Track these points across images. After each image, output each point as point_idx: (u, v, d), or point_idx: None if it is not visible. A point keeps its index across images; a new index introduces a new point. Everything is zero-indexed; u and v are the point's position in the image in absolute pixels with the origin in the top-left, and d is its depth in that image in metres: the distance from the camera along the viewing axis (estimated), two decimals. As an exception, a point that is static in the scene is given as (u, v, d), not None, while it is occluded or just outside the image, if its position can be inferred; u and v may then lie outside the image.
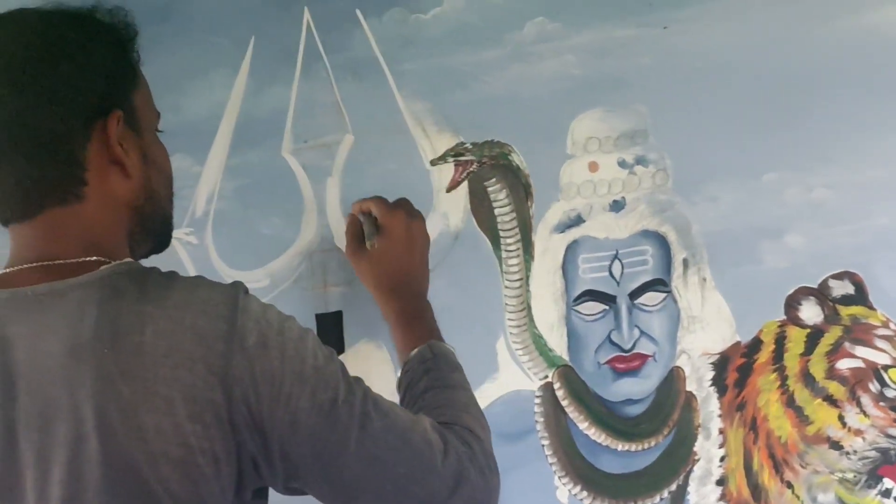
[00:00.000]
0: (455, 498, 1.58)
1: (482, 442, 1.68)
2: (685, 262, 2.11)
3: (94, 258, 1.51)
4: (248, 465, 1.46)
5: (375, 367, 2.18)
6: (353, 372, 1.60)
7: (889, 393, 1.98)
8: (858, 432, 1.99)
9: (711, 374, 2.09)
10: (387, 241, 2.04)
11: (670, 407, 2.10)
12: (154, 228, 1.64)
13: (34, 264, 1.51)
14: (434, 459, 1.57)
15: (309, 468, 1.49)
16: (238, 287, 1.50)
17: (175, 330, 1.41)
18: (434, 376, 1.79)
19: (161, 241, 1.69)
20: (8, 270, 1.54)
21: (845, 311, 2.02)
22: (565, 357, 2.15)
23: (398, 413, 1.59)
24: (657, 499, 2.10)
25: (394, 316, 1.99)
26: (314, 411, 1.48)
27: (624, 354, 2.12)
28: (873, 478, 1.99)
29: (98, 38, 1.55)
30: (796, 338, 2.04)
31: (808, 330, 2.03)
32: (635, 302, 2.12)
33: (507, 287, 2.18)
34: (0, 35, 1.51)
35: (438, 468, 1.57)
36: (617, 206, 2.14)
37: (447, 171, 2.22)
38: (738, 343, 2.08)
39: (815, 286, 2.03)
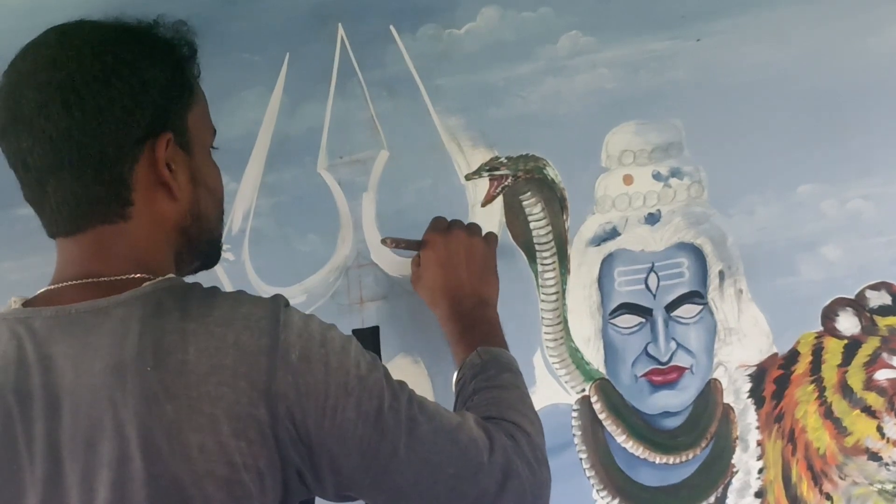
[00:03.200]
0: (505, 493, 1.57)
1: (529, 436, 1.67)
2: (721, 275, 2.10)
3: (138, 275, 1.51)
4: (293, 479, 1.46)
5: (413, 382, 2.17)
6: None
7: (928, 404, 1.98)
8: (897, 443, 1.99)
9: (749, 385, 2.08)
10: (424, 258, 2.06)
11: (708, 419, 2.10)
12: (201, 248, 1.65)
13: (78, 281, 1.52)
14: (481, 456, 1.56)
15: (361, 478, 1.49)
16: (279, 300, 1.50)
17: (218, 347, 1.42)
18: (482, 378, 1.78)
19: (209, 259, 1.70)
20: (52, 287, 1.55)
21: (883, 322, 2.01)
22: (602, 370, 2.15)
23: (443, 414, 1.58)
24: (696, 511, 2.09)
25: (446, 330, 1.99)
26: (361, 421, 1.48)
27: (661, 367, 2.12)
28: (913, 489, 1.99)
29: (154, 58, 1.54)
30: (834, 349, 2.03)
31: (846, 341, 2.03)
32: (672, 314, 2.12)
33: (543, 301, 2.19)
34: (56, 50, 1.52)
35: (486, 465, 1.56)
36: (652, 218, 2.14)
37: (482, 185, 2.22)
38: (775, 355, 2.07)
39: (852, 297, 2.03)
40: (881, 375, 2.00)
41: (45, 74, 1.50)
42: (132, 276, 1.51)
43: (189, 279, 1.59)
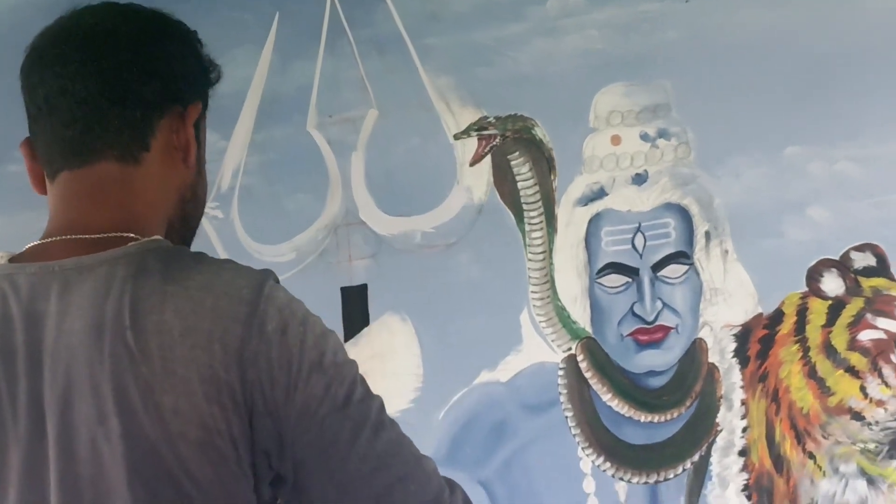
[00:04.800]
0: None
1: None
2: (707, 235, 2.11)
3: (125, 234, 1.52)
4: (261, 455, 1.45)
5: (400, 339, 2.20)
6: (377, 345, 1.61)
7: (911, 364, 1.99)
8: (880, 403, 2.00)
9: (734, 345, 2.10)
10: None
11: (693, 378, 2.11)
12: (190, 226, 1.65)
13: (66, 237, 1.52)
14: (443, 492, 1.52)
15: (312, 461, 1.47)
16: (267, 274, 1.50)
17: (195, 310, 1.41)
18: None
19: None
20: (39, 242, 1.55)
21: (867, 283, 2.02)
22: (588, 329, 2.16)
23: (411, 442, 1.54)
24: (680, 469, 2.11)
25: None
26: (327, 402, 1.45)
27: (647, 326, 2.13)
28: (895, 448, 2.00)
29: (197, 55, 1.58)
30: (818, 309, 2.05)
31: (830, 302, 2.04)
32: (658, 274, 2.13)
33: (530, 260, 2.20)
34: (118, 6, 1.55)
35: (447, 500, 1.52)
36: (639, 179, 2.15)
37: (471, 145, 2.23)
38: (760, 315, 2.08)
39: (837, 258, 2.04)
40: (865, 336, 2.01)
41: (109, 23, 1.52)
42: (120, 234, 1.52)
43: None
